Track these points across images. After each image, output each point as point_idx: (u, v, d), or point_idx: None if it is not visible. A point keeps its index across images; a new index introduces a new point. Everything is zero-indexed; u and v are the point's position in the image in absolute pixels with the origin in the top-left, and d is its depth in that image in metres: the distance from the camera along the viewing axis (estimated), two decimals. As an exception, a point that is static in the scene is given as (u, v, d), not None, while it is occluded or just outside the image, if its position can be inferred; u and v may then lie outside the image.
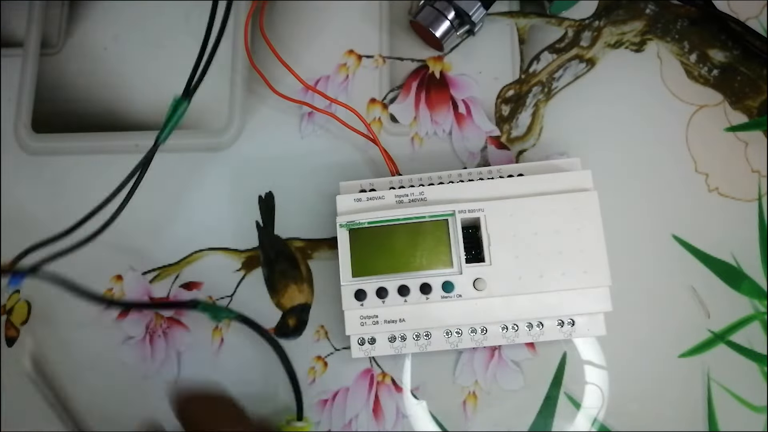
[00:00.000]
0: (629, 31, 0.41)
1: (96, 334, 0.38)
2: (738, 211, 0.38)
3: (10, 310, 0.39)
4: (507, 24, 0.42)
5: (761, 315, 0.36)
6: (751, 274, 0.37)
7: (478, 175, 0.35)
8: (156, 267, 0.39)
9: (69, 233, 0.32)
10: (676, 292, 0.37)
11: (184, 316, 0.38)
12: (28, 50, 0.43)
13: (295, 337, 0.37)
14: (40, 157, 0.41)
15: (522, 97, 0.40)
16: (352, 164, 0.40)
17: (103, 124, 0.41)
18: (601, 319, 0.33)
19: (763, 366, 0.35)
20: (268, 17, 0.42)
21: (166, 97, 0.42)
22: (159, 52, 0.43)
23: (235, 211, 0.39)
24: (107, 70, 0.42)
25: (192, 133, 0.41)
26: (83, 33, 0.43)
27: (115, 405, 0.37)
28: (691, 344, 0.36)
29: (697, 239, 0.37)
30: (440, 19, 0.39)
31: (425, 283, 0.32)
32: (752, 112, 0.39)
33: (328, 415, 0.36)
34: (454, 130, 0.40)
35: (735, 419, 0.35)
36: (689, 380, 0.35)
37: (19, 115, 0.42)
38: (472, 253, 0.33)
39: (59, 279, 0.32)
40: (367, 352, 0.33)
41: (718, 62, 0.40)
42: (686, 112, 0.39)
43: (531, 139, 0.40)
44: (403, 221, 0.33)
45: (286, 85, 0.40)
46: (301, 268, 0.38)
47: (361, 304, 0.33)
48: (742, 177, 0.38)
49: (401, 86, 0.41)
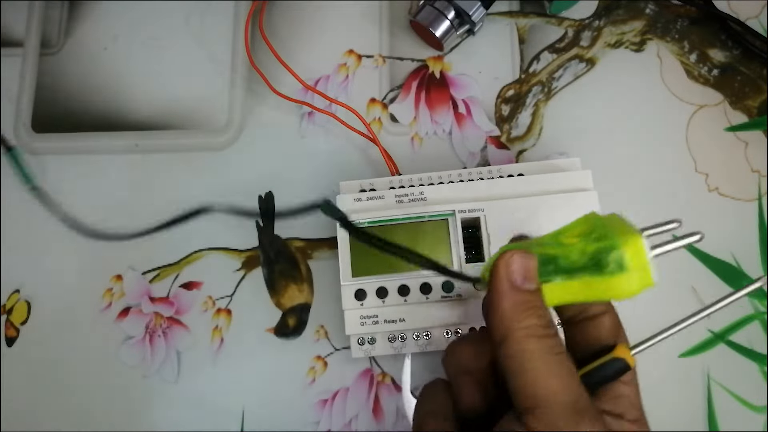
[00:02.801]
0: (629, 31, 0.41)
1: (96, 334, 0.38)
2: (738, 211, 0.38)
3: (10, 310, 0.39)
4: (507, 24, 0.42)
5: (761, 315, 0.36)
6: (751, 274, 0.37)
7: (478, 175, 0.35)
8: (156, 267, 0.39)
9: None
10: (676, 292, 0.37)
11: (184, 315, 0.38)
12: (28, 50, 0.43)
13: (295, 336, 0.37)
14: (40, 157, 0.41)
15: (522, 97, 0.40)
16: (352, 164, 0.40)
17: (103, 124, 0.41)
18: (601, 319, 0.33)
19: (763, 366, 0.35)
20: (268, 17, 0.42)
21: (165, 97, 0.42)
22: (159, 52, 0.43)
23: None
24: (107, 70, 0.42)
25: (192, 133, 0.41)
26: (83, 33, 0.43)
27: (115, 405, 0.37)
28: (691, 344, 0.36)
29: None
30: (440, 18, 0.39)
31: (425, 283, 0.32)
32: (752, 112, 0.39)
33: (328, 415, 0.36)
34: (454, 130, 0.40)
35: (735, 419, 0.35)
36: (689, 380, 0.35)
37: (19, 115, 0.42)
38: (472, 253, 0.33)
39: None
40: (367, 352, 0.33)
41: (718, 62, 0.40)
42: (686, 112, 0.39)
43: (531, 139, 0.40)
44: (403, 221, 0.33)
45: (286, 85, 0.40)
46: (301, 268, 0.38)
47: (361, 304, 0.33)
48: (742, 177, 0.38)
49: (401, 86, 0.41)
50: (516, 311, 0.22)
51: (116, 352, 0.38)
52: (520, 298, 0.22)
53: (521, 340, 0.22)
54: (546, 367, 0.21)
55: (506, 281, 0.22)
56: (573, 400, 0.21)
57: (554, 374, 0.21)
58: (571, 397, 0.21)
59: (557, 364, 0.21)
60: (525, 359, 0.21)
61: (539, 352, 0.22)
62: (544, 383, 0.21)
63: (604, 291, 0.22)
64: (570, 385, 0.21)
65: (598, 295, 0.22)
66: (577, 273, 0.22)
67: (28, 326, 0.38)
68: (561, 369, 0.21)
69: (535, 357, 0.21)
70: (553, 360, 0.22)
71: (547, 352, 0.22)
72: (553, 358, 0.22)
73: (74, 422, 0.37)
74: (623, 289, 0.22)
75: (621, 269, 0.21)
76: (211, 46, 0.42)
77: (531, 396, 0.21)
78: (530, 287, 0.22)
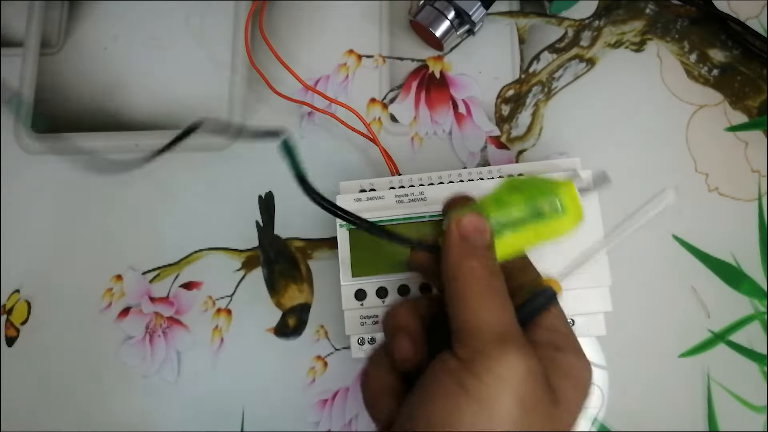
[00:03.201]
0: (629, 31, 0.41)
1: (96, 334, 0.38)
2: (738, 211, 0.38)
3: (10, 310, 0.39)
4: (507, 24, 0.42)
5: (761, 315, 0.36)
6: (751, 274, 0.37)
7: (478, 175, 0.35)
8: (156, 267, 0.39)
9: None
10: (676, 292, 0.37)
11: (184, 316, 0.38)
12: (28, 50, 0.43)
13: (295, 337, 0.37)
14: (40, 157, 0.41)
15: (522, 97, 0.40)
16: (352, 164, 0.40)
17: (103, 124, 0.41)
18: (601, 319, 0.33)
19: (763, 366, 0.35)
20: (268, 17, 0.42)
21: (165, 97, 0.42)
22: (159, 52, 0.43)
23: (235, 211, 0.39)
24: (107, 70, 0.42)
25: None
26: (83, 33, 0.43)
27: (115, 405, 0.37)
28: (691, 344, 0.36)
29: (697, 239, 0.37)
30: (440, 18, 0.39)
31: (425, 283, 0.32)
32: (752, 112, 0.39)
33: (328, 415, 0.36)
34: (454, 130, 0.40)
35: (735, 419, 0.35)
36: (689, 380, 0.35)
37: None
38: (472, 253, 0.33)
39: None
40: (367, 352, 0.33)
41: (718, 62, 0.40)
42: (686, 112, 0.39)
43: (531, 139, 0.40)
44: (403, 221, 0.33)
45: (286, 85, 0.40)
46: (301, 268, 0.38)
47: (361, 304, 0.33)
48: (742, 177, 0.38)
49: (401, 86, 0.41)
50: (463, 257, 0.24)
51: (116, 352, 0.38)
52: (468, 247, 0.25)
53: (466, 280, 0.24)
54: (483, 303, 0.23)
55: (456, 235, 0.25)
56: (501, 331, 0.23)
57: (489, 309, 0.23)
58: (501, 327, 0.23)
59: (493, 301, 0.23)
60: (466, 298, 0.24)
61: (479, 292, 0.24)
62: (477, 317, 0.23)
63: (547, 234, 0.26)
64: (502, 317, 0.23)
65: (543, 238, 0.26)
66: (523, 224, 0.26)
67: (28, 326, 0.38)
68: (496, 304, 0.23)
69: (475, 295, 0.23)
70: (490, 298, 0.24)
71: (486, 292, 0.24)
72: (492, 296, 0.24)
73: (74, 422, 0.37)
74: (563, 228, 0.26)
75: (559, 212, 0.26)
76: (211, 46, 0.42)
77: (464, 329, 0.23)
78: (482, 239, 0.25)
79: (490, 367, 0.22)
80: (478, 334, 0.23)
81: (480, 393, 0.21)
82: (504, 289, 0.24)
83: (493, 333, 0.22)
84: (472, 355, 0.22)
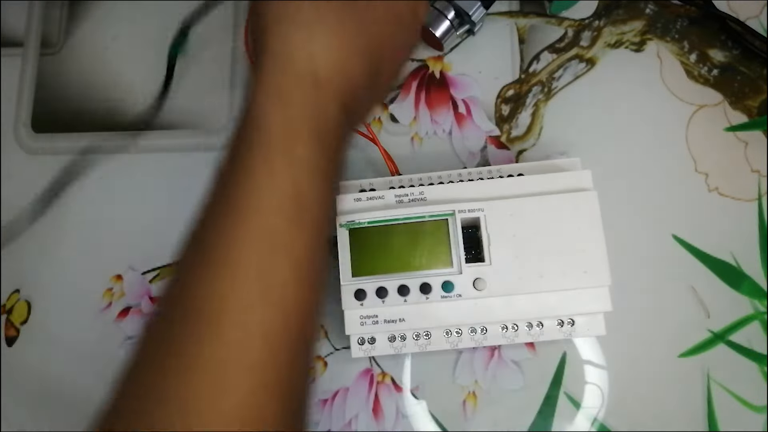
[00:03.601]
0: (629, 31, 0.41)
1: (96, 334, 0.38)
2: (738, 211, 0.38)
3: (10, 310, 0.39)
4: (507, 24, 0.42)
5: (761, 315, 0.36)
6: (751, 274, 0.37)
7: (478, 175, 0.35)
8: (156, 267, 0.39)
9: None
10: (676, 292, 0.37)
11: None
12: (28, 50, 0.43)
13: (295, 337, 0.37)
14: (40, 157, 0.41)
15: (522, 97, 0.40)
16: (352, 164, 0.40)
17: (103, 124, 0.41)
18: (600, 318, 0.33)
19: (763, 366, 0.35)
20: (268, 17, 0.42)
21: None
22: (159, 52, 0.43)
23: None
24: (107, 70, 0.42)
25: (192, 133, 0.41)
26: (83, 33, 0.43)
27: (115, 405, 0.37)
28: (691, 344, 0.36)
29: (697, 239, 0.37)
30: (440, 18, 0.39)
31: (425, 283, 0.32)
32: (752, 112, 0.39)
33: (328, 415, 0.36)
34: (454, 130, 0.40)
35: (735, 419, 0.35)
36: (689, 380, 0.35)
37: (19, 115, 0.42)
38: (471, 253, 0.33)
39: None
40: (367, 352, 0.33)
41: (718, 62, 0.40)
42: (686, 112, 0.39)
43: (531, 138, 0.40)
44: (402, 221, 0.33)
45: (286, 85, 0.40)
46: (301, 268, 0.38)
47: (361, 304, 0.33)
48: (742, 177, 0.38)
49: (401, 86, 0.41)
50: None
51: (116, 352, 0.38)
52: None
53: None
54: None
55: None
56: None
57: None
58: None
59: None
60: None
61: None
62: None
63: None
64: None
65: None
66: None
67: (28, 326, 0.38)
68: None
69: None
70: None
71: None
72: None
73: (74, 422, 0.37)
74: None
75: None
76: (211, 47, 0.42)
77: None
78: None
79: None
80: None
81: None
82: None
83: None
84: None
